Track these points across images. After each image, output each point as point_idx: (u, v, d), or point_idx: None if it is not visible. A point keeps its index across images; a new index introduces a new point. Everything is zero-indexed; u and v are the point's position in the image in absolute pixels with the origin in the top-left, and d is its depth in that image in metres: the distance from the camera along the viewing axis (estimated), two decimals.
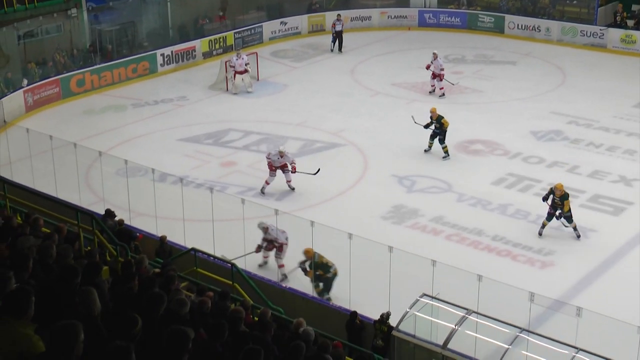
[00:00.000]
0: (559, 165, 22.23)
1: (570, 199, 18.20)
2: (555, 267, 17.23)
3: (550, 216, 18.29)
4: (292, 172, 20.35)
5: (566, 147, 23.57)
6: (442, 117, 22.22)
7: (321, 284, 16.13)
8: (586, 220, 19.10)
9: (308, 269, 16.09)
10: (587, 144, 23.73)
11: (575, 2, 35.10)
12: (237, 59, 27.97)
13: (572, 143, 23.74)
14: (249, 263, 16.00)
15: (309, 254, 15.99)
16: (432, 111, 22.44)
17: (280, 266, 16.98)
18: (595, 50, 32.84)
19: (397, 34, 35.68)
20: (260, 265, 17.26)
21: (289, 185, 20.67)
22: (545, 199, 18.41)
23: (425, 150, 22.80)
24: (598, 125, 25.08)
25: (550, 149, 23.40)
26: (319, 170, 20.44)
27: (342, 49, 33.11)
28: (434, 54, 27.59)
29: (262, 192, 20.45)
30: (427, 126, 22.60)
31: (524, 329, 13.58)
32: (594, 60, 31.77)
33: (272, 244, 17.04)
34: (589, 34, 33.35)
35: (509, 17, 35.09)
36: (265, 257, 17.33)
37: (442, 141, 22.35)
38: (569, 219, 18.20)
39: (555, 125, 25.13)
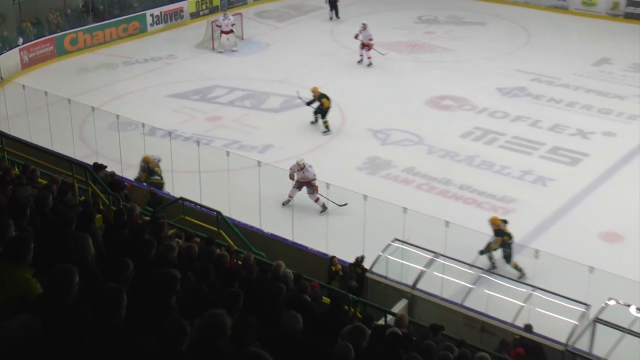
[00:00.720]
0: (522, 119, 22.33)
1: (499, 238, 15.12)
2: (517, 214, 17.34)
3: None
4: (315, 193, 17.27)
5: (529, 102, 23.66)
6: (324, 96, 21.26)
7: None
8: (545, 170, 19.32)
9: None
10: (549, 99, 23.82)
11: None
12: (223, 19, 27.81)
13: (534, 99, 23.85)
14: (234, 210, 16.07)
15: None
16: (314, 90, 21.49)
17: (316, 201, 17.20)
18: (558, 12, 32.84)
19: None
20: (283, 204, 17.42)
21: (320, 205, 17.41)
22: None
23: (311, 122, 21.97)
24: (559, 82, 25.17)
25: (515, 104, 23.49)
26: (346, 204, 17.03)
27: (339, 15, 32.35)
28: (363, 24, 26.80)
29: (284, 204, 17.60)
30: (309, 103, 21.66)
31: (485, 270, 13.83)
32: (557, 22, 31.76)
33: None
34: None
35: None
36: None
37: (322, 117, 21.51)
38: (507, 258, 15.23)
39: (520, 82, 25.19)
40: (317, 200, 17.35)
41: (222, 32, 27.83)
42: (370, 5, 34.01)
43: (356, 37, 26.91)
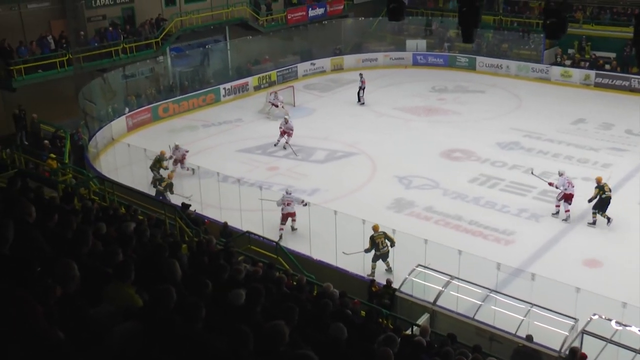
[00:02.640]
0: (517, 167, 21.99)
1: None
2: (515, 244, 17.08)
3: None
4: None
5: (522, 154, 23.33)
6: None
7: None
8: (538, 209, 18.95)
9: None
10: (538, 151, 23.47)
11: (527, 47, 34.72)
12: (273, 98, 27.90)
13: (526, 151, 23.51)
14: (289, 241, 15.95)
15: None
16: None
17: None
18: (542, 82, 32.49)
19: (396, 71, 35.44)
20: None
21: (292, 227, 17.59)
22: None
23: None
24: (545, 137, 24.80)
25: (511, 155, 23.16)
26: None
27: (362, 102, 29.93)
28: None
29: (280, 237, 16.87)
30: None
31: (492, 290, 13.50)
32: (541, 90, 31.38)
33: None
34: (537, 70, 33.04)
35: (479, 58, 34.77)
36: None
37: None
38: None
39: (514, 137, 24.87)
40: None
41: (272, 104, 28.00)
42: (394, 78, 34.04)
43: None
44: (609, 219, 17.59)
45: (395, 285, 13.93)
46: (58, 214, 6.70)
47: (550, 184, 18.68)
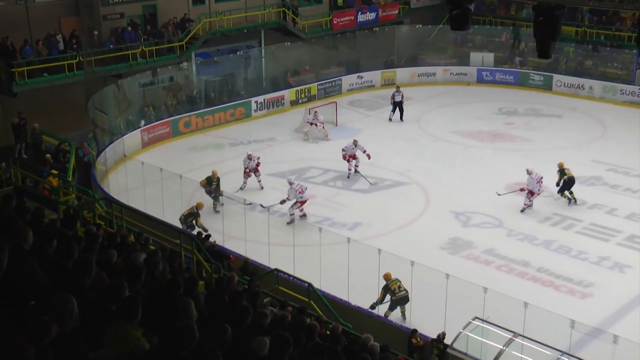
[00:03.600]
0: (598, 207, 21.68)
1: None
2: (594, 298, 16.77)
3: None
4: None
5: (605, 191, 22.98)
6: None
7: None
8: (623, 257, 18.62)
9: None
10: (625, 189, 23.09)
11: (615, 64, 34.37)
12: (312, 118, 28.04)
13: (611, 188, 23.15)
14: (324, 283, 15.91)
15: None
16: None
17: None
18: (633, 107, 32.02)
19: (457, 88, 35.42)
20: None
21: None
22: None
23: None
24: (634, 173, 24.38)
25: (591, 192, 22.82)
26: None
27: (404, 118, 30.39)
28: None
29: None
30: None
31: (564, 352, 13.21)
32: (631, 116, 30.90)
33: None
34: (627, 93, 32.62)
35: (556, 76, 34.53)
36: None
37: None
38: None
39: (596, 171, 24.53)
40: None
41: (311, 124, 28.13)
42: (454, 97, 34.00)
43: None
44: (574, 199, 21.65)
45: (447, 340, 13.73)
46: (58, 239, 6.79)
47: (521, 189, 21.35)
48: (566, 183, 21.78)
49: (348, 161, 24.13)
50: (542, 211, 21.42)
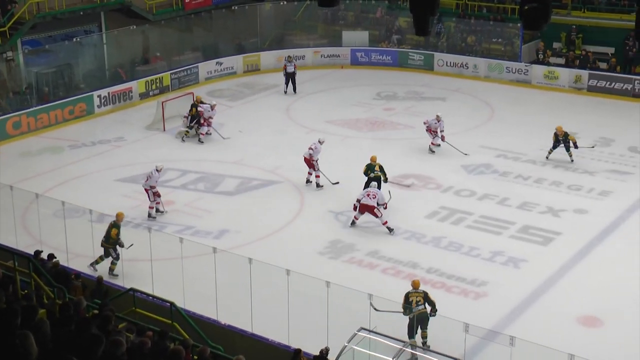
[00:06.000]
0: (489, 197, 22.55)
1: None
2: (489, 298, 17.39)
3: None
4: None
5: (495, 179, 23.94)
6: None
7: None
8: (517, 251, 19.43)
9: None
10: (516, 176, 24.13)
11: (500, 40, 35.75)
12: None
13: (501, 176, 24.15)
14: (188, 301, 15.81)
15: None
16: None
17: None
18: (520, 86, 33.55)
19: (330, 72, 35.98)
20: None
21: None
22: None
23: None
24: (525, 158, 25.51)
25: (481, 182, 23.74)
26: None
27: (297, 90, 32.64)
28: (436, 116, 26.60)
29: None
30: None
31: None
32: (519, 96, 32.35)
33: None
34: (514, 70, 34.10)
35: (438, 55, 35.66)
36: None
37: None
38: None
39: (485, 158, 25.51)
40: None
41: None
42: (326, 82, 34.51)
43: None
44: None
45: (331, 356, 13.92)
46: None
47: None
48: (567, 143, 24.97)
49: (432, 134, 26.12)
50: (429, 205, 22.08)
